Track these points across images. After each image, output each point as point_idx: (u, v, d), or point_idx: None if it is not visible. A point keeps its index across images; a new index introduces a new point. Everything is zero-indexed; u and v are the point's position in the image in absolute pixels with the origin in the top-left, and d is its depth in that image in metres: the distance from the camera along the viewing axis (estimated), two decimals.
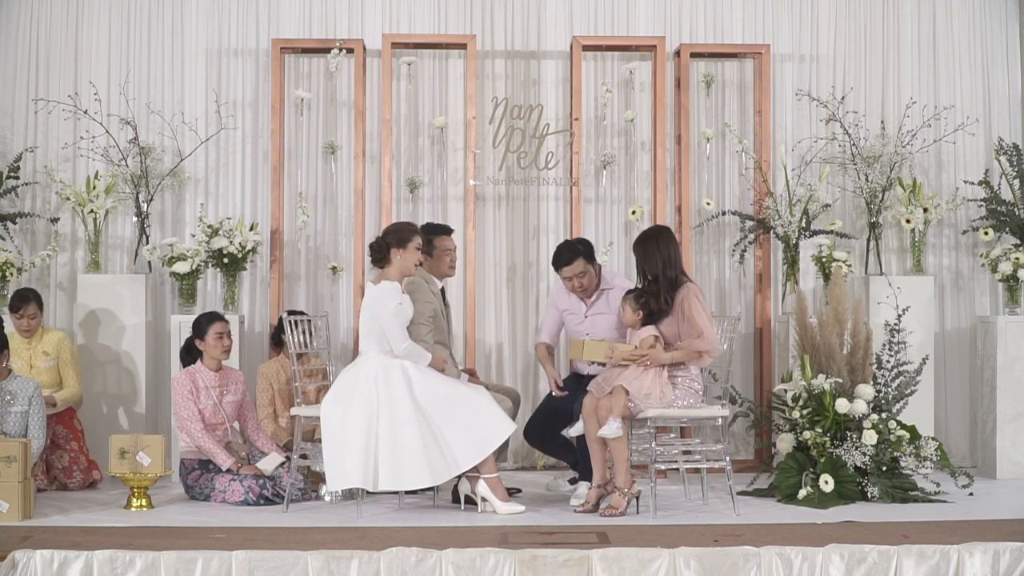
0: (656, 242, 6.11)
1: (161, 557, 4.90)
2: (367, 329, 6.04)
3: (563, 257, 6.47)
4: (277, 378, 6.96)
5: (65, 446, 6.80)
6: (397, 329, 5.98)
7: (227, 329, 6.58)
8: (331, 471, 5.88)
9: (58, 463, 6.76)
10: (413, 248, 6.08)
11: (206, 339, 6.50)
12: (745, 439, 7.68)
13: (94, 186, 7.43)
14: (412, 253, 6.08)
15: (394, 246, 6.06)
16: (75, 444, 6.84)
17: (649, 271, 6.10)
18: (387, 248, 6.07)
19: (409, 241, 6.07)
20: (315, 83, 7.85)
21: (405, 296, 6.12)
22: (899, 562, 4.98)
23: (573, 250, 6.47)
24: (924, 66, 8.01)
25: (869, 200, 7.56)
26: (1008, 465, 7.23)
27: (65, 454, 6.79)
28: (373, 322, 6.02)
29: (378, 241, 6.13)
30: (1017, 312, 7.35)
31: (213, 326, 6.53)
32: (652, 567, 4.91)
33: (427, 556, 4.91)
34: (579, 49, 7.57)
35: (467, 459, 5.89)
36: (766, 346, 7.60)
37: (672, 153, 7.72)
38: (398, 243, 6.06)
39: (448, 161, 7.83)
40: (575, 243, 6.58)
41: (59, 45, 7.80)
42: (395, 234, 6.10)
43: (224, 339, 6.54)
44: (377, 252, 6.10)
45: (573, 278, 6.44)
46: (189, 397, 6.42)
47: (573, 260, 6.41)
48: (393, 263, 6.07)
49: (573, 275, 6.43)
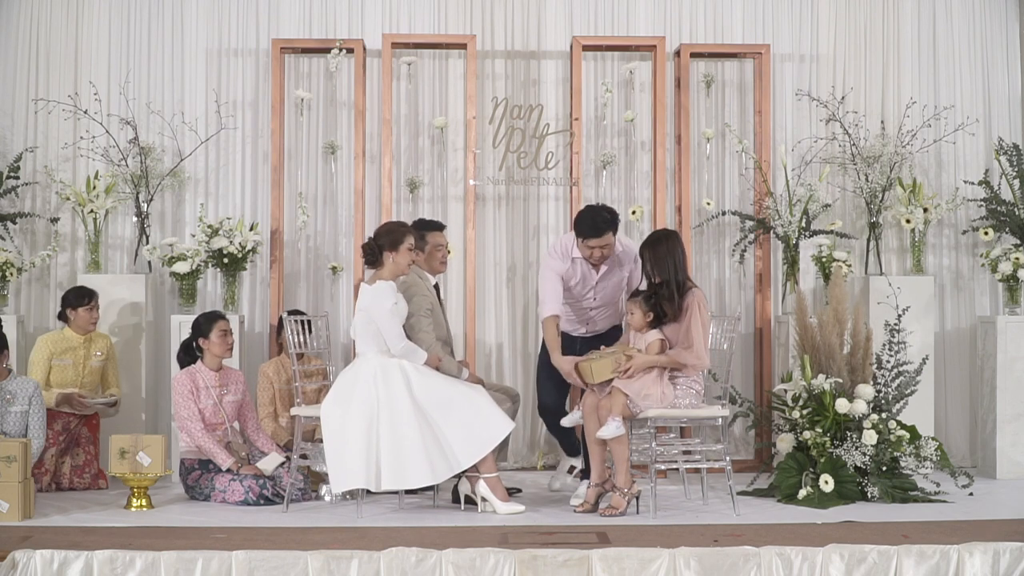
0: (667, 245, 6.02)
1: (161, 557, 4.90)
2: (363, 330, 6.05)
3: (596, 227, 6.18)
4: (278, 377, 6.96)
5: (86, 447, 6.84)
6: (394, 328, 5.99)
7: (230, 327, 6.60)
8: (334, 473, 5.88)
9: (73, 460, 6.77)
10: (405, 249, 6.08)
11: (210, 337, 6.50)
12: (745, 439, 7.69)
13: (94, 186, 7.43)
14: (404, 254, 6.09)
15: (387, 249, 6.07)
16: (93, 449, 6.87)
17: (659, 274, 5.99)
18: (379, 251, 6.08)
19: (401, 243, 6.07)
20: (315, 83, 7.85)
21: (400, 296, 6.13)
22: (899, 562, 4.98)
23: (606, 221, 6.20)
24: (924, 66, 8.00)
25: (869, 200, 7.56)
26: (1008, 465, 7.23)
27: (82, 453, 6.82)
28: (369, 323, 6.02)
29: (370, 244, 6.13)
30: (1017, 312, 7.35)
31: (217, 324, 6.53)
32: (652, 567, 4.91)
33: (427, 556, 4.91)
34: (579, 49, 7.57)
35: (467, 457, 5.90)
36: (766, 346, 7.60)
37: (672, 153, 7.72)
38: (391, 246, 6.07)
39: (448, 161, 7.83)
40: (605, 213, 6.25)
41: (59, 45, 7.79)
42: (387, 236, 6.10)
43: (227, 337, 6.55)
44: (370, 254, 6.11)
45: (596, 248, 6.23)
46: (189, 397, 6.42)
47: (604, 232, 6.18)
48: (386, 265, 6.08)
49: (600, 247, 6.22)
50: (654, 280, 6.05)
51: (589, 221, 6.22)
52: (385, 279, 6.07)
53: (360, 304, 6.10)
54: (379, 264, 6.10)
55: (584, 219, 6.25)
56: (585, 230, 6.21)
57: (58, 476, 6.73)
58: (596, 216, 6.23)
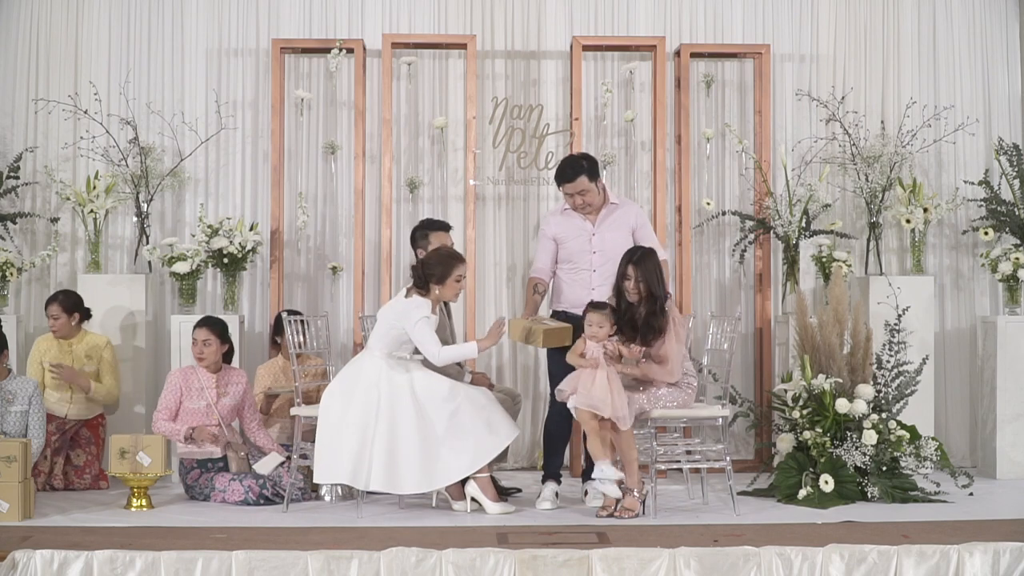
0: (654, 260, 5.95)
1: (161, 557, 4.90)
2: (382, 331, 5.99)
3: (565, 173, 6.21)
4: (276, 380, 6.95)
5: (86, 447, 6.83)
6: (429, 337, 5.86)
7: (207, 337, 6.50)
8: (319, 464, 5.86)
9: (75, 459, 6.77)
10: (452, 282, 5.97)
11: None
12: (745, 439, 7.68)
13: (94, 186, 7.43)
14: (451, 287, 5.97)
15: (434, 282, 5.95)
16: (94, 449, 6.86)
17: (652, 290, 5.89)
18: (427, 281, 5.96)
19: (449, 276, 5.95)
20: (315, 83, 7.85)
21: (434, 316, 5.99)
22: (899, 562, 4.98)
23: (576, 166, 6.22)
24: (924, 66, 8.01)
25: (869, 200, 7.56)
26: (1008, 465, 7.23)
27: (84, 453, 6.82)
28: (392, 328, 5.96)
29: (419, 273, 6.00)
30: (1017, 312, 7.35)
31: (194, 331, 6.54)
32: (652, 567, 4.91)
33: (427, 556, 4.91)
34: (579, 49, 7.57)
35: (465, 466, 5.87)
36: (766, 346, 7.60)
37: (672, 153, 7.72)
38: (439, 280, 5.95)
39: (448, 161, 7.83)
40: (579, 158, 6.31)
41: (59, 45, 7.80)
42: (438, 267, 5.94)
43: (198, 345, 6.50)
44: (420, 280, 5.99)
45: (575, 195, 6.22)
46: (172, 393, 6.43)
47: (575, 177, 6.18)
48: (430, 292, 5.98)
49: (575, 192, 6.21)
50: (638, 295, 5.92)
51: (562, 167, 6.31)
52: (423, 299, 5.98)
53: (390, 306, 6.02)
54: (426, 291, 5.98)
55: (560, 166, 6.34)
56: (559, 176, 6.30)
57: (52, 478, 6.71)
58: (570, 161, 6.34)
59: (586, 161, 6.29)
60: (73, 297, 6.97)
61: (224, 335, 6.57)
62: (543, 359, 7.23)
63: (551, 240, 6.38)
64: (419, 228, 6.63)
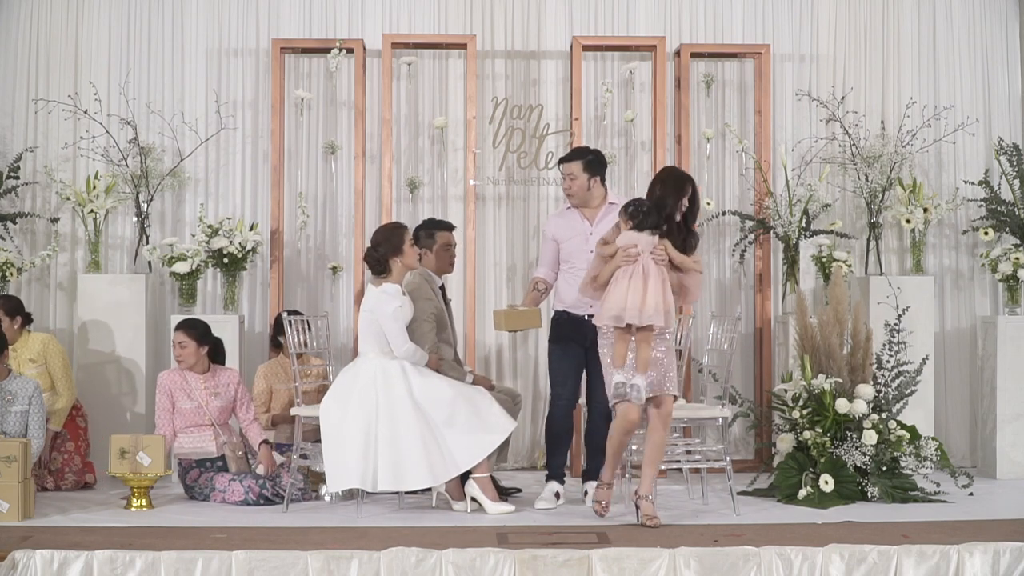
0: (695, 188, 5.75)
1: (161, 557, 4.90)
2: (366, 330, 6.05)
3: (567, 154, 6.48)
4: (277, 379, 6.96)
5: (61, 447, 6.77)
6: (397, 331, 5.98)
7: (182, 339, 6.48)
8: (331, 471, 5.88)
9: (52, 465, 6.74)
10: (408, 248, 6.07)
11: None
12: (745, 439, 7.69)
13: (94, 186, 7.43)
14: (409, 254, 6.08)
15: (391, 255, 6.05)
16: (71, 445, 6.80)
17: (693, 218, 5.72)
18: (385, 259, 6.06)
19: (402, 244, 6.06)
20: (315, 83, 7.85)
21: (406, 298, 6.12)
22: (899, 562, 4.98)
23: (579, 152, 6.42)
24: (924, 66, 8.01)
25: (869, 200, 7.56)
26: (1008, 465, 7.23)
27: (59, 456, 6.75)
28: (372, 323, 6.02)
29: (371, 254, 6.09)
30: (1017, 312, 7.35)
31: (174, 333, 6.54)
32: (652, 567, 4.91)
33: (427, 556, 4.91)
34: (579, 49, 7.57)
35: (468, 459, 5.90)
36: (766, 346, 7.60)
37: (672, 153, 7.72)
38: (393, 251, 6.05)
39: (448, 161, 7.83)
40: (588, 149, 6.47)
41: (59, 45, 7.80)
42: (387, 243, 6.07)
43: (176, 348, 6.50)
44: (376, 264, 6.07)
45: (565, 177, 6.36)
46: (164, 395, 6.43)
47: (571, 160, 6.36)
48: (393, 270, 6.06)
49: (565, 173, 6.35)
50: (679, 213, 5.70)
51: (571, 150, 6.51)
52: (392, 281, 6.06)
53: (364, 305, 6.10)
54: (387, 271, 6.08)
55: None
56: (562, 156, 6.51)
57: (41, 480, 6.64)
58: (578, 148, 6.56)
59: (592, 154, 6.39)
60: (13, 301, 6.87)
61: (203, 337, 6.53)
62: (543, 359, 7.24)
63: (552, 241, 6.45)
64: (423, 228, 6.60)
